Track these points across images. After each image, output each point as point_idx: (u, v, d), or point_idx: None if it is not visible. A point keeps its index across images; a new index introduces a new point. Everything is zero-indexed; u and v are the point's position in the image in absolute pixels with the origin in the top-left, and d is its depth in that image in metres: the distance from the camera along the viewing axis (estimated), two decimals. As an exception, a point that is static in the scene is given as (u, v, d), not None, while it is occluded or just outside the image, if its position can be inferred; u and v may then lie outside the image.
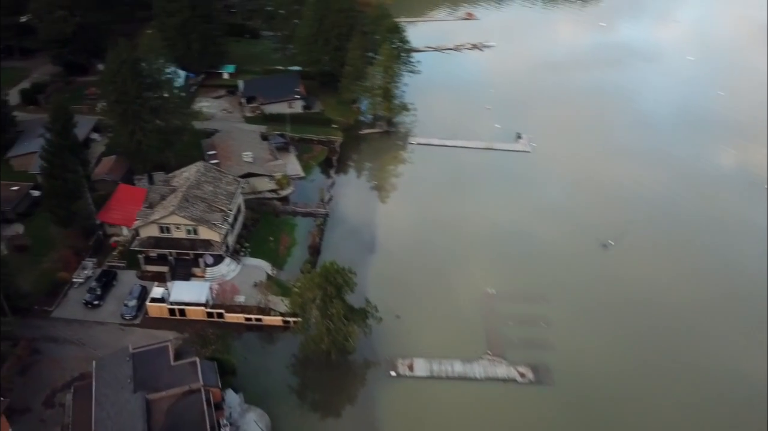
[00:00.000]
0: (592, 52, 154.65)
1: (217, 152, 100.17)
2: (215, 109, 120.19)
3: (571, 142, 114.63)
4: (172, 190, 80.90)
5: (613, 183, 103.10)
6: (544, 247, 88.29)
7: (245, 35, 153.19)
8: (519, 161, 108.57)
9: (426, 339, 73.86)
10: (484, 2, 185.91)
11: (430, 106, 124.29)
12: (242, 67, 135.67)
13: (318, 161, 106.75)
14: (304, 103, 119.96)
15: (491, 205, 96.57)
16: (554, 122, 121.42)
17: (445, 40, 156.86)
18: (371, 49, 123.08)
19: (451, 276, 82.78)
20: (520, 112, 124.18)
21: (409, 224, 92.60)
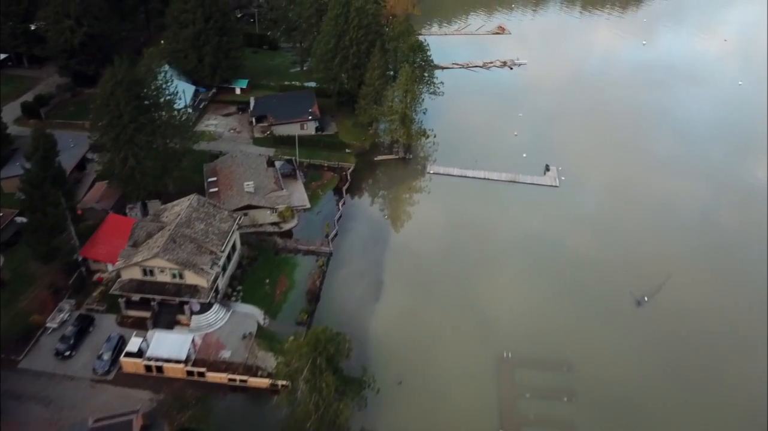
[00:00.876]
0: (632, 72, 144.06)
1: (218, 179, 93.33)
2: (223, 128, 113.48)
3: (604, 177, 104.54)
4: (160, 227, 74.00)
5: (650, 231, 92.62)
6: (571, 302, 78.85)
7: (263, 46, 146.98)
8: (546, 197, 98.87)
9: (431, 412, 65.23)
10: (518, 14, 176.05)
11: (453, 131, 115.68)
12: (256, 81, 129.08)
13: (327, 190, 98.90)
14: (317, 125, 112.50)
15: (512, 250, 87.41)
16: (586, 153, 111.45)
17: (474, 56, 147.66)
18: (392, 68, 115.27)
19: (464, 335, 73.93)
20: (549, 139, 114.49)
21: (420, 269, 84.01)
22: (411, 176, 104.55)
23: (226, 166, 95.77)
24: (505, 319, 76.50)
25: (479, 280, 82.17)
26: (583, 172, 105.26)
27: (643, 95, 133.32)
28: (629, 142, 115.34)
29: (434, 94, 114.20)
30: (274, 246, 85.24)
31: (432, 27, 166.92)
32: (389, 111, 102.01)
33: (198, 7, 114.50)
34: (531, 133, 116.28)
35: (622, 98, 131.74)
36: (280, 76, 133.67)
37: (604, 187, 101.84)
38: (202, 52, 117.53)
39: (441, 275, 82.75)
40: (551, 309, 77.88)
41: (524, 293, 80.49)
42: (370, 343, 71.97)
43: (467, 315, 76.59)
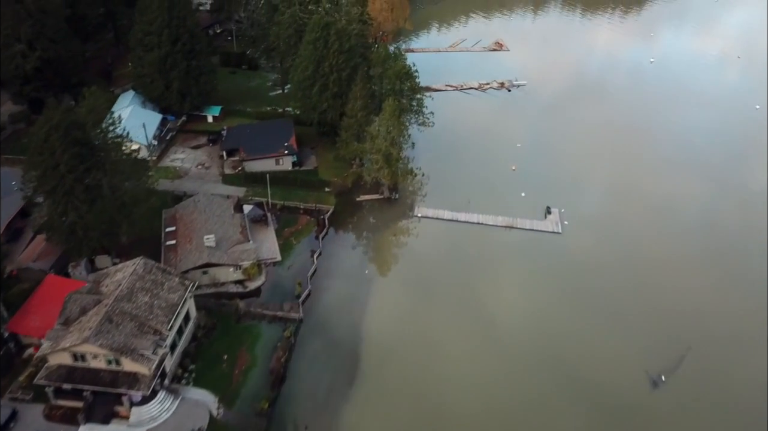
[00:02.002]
0: (639, 92, 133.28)
1: (176, 229, 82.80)
2: (190, 162, 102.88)
3: (614, 220, 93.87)
4: (97, 300, 63.46)
5: (669, 290, 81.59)
6: (575, 381, 68.22)
7: (242, 66, 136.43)
8: (547, 246, 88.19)
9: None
10: (517, 25, 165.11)
11: (444, 164, 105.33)
12: (232, 106, 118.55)
13: (302, 238, 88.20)
14: (294, 159, 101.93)
15: (508, 316, 76.45)
16: (592, 189, 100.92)
17: (469, 75, 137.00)
18: (377, 95, 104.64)
19: (451, 428, 63.39)
20: (551, 173, 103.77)
21: (403, 338, 73.31)
22: (397, 220, 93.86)
23: (188, 212, 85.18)
24: (501, 403, 65.93)
25: (469, 350, 71.48)
26: (588, 214, 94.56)
27: (653, 119, 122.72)
28: (640, 177, 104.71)
29: (423, 125, 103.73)
30: (236, 312, 74.58)
31: (425, 40, 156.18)
32: (371, 149, 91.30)
33: (163, 29, 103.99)
34: (530, 166, 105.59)
35: (630, 123, 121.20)
36: (259, 101, 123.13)
37: (613, 234, 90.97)
38: (170, 77, 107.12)
39: (428, 343, 72.18)
40: (551, 389, 67.24)
41: (523, 363, 69.91)
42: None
43: (456, 398, 65.95)
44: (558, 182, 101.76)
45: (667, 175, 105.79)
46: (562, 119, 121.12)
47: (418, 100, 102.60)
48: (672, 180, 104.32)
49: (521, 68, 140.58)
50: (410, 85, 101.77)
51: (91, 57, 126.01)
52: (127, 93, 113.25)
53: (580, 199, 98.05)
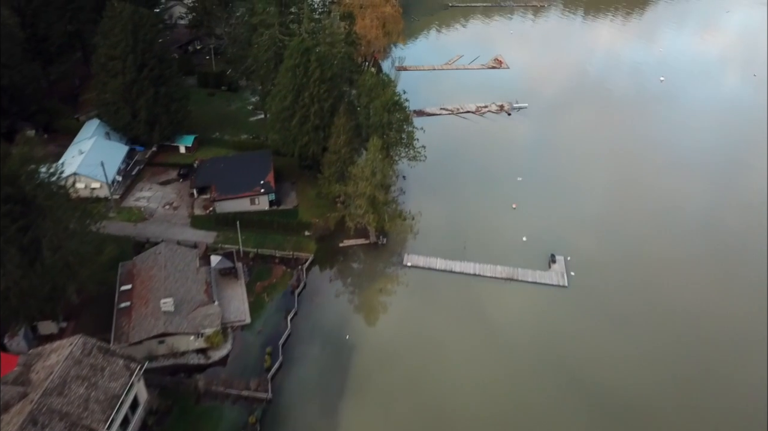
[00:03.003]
0: (651, 117, 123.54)
1: (133, 287, 73.16)
2: (157, 202, 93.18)
3: (627, 269, 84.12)
4: (22, 394, 53.84)
5: (698, 354, 72.13)
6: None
7: (222, 87, 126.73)
8: (551, 303, 78.42)
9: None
10: (516, 46, 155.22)
11: (437, 201, 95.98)
12: (207, 134, 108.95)
13: (276, 294, 78.43)
14: (272, 197, 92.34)
15: (510, 397, 66.82)
16: (601, 230, 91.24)
17: (466, 97, 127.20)
18: (363, 125, 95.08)
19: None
20: (555, 212, 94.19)
21: (392, 417, 63.76)
22: (384, 270, 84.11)
23: (147, 266, 75.53)
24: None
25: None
26: (598, 262, 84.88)
27: (665, 145, 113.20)
28: (654, 215, 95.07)
29: (415, 159, 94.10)
30: (195, 390, 64.97)
31: (419, 56, 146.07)
32: (355, 192, 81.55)
33: (128, 54, 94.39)
34: (533, 204, 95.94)
35: (641, 150, 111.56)
36: (237, 127, 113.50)
37: (626, 288, 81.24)
38: (136, 105, 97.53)
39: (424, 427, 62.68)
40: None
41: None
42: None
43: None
44: (563, 222, 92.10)
45: (682, 211, 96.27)
46: (567, 147, 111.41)
47: (409, 132, 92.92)
48: (689, 219, 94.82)
49: (522, 88, 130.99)
50: (400, 117, 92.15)
51: (57, 79, 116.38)
52: (92, 121, 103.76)
53: (588, 243, 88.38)
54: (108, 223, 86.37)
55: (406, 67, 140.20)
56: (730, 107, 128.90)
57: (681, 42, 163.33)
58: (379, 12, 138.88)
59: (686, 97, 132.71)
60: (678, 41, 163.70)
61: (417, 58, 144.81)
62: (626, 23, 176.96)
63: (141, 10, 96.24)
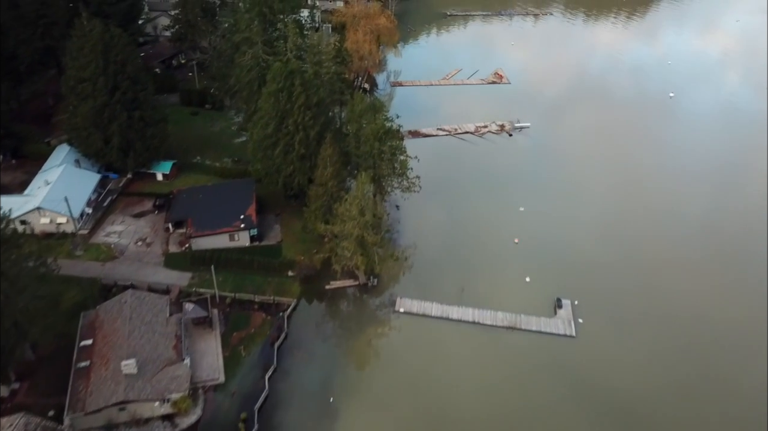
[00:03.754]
0: (660, 137, 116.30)
1: (94, 342, 65.91)
2: (129, 237, 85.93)
3: (640, 314, 76.81)
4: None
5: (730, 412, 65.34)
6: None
7: (206, 105, 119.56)
8: (558, 356, 70.92)
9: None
10: (517, 57, 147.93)
11: (433, 235, 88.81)
12: (188, 159, 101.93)
13: (253, 346, 71.06)
14: (253, 232, 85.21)
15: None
16: (611, 269, 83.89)
17: (464, 115, 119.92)
18: (351, 158, 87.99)
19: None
20: (560, 248, 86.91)
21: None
22: (374, 317, 76.72)
23: (111, 317, 68.33)
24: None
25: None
26: (608, 307, 77.54)
27: (678, 166, 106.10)
28: (668, 247, 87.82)
29: (409, 190, 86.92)
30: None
31: (415, 69, 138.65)
32: (342, 233, 74.29)
33: (99, 76, 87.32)
34: (536, 238, 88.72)
35: (652, 175, 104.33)
36: (220, 150, 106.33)
37: (639, 338, 73.98)
38: (108, 131, 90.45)
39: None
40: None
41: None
42: None
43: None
44: (568, 259, 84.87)
45: (697, 241, 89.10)
46: (571, 172, 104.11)
47: (402, 162, 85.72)
48: (707, 249, 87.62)
49: (524, 105, 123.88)
50: (393, 144, 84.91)
51: (28, 99, 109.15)
52: (63, 147, 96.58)
53: (597, 283, 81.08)
54: (73, 263, 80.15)
55: (402, 82, 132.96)
56: (745, 124, 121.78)
57: (689, 50, 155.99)
58: (374, 24, 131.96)
59: (696, 114, 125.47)
60: (685, 49, 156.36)
61: (413, 72, 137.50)
62: (628, 26, 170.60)
63: (112, 28, 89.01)
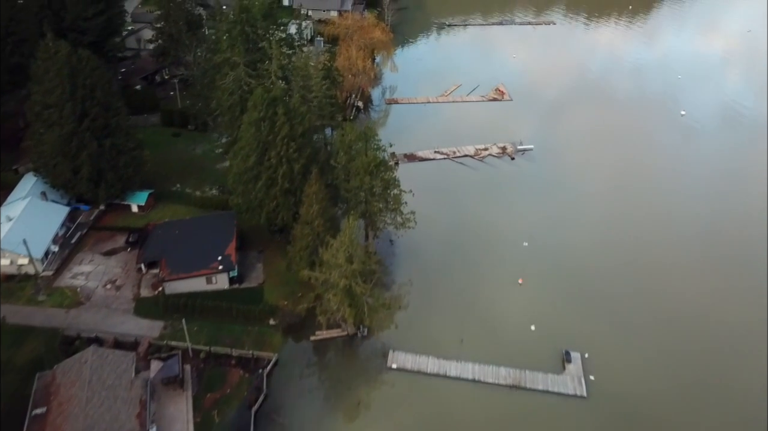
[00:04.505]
0: (673, 158, 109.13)
1: (48, 411, 58.79)
2: (97, 279, 78.64)
3: (658, 370, 69.63)
4: None
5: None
6: None
7: (188, 126, 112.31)
8: (567, 420, 63.93)
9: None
10: (518, 69, 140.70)
11: (429, 276, 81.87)
12: (167, 187, 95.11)
13: (227, 411, 63.86)
14: (233, 274, 78.07)
15: None
16: (626, 313, 76.68)
17: (463, 136, 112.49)
18: (340, 191, 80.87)
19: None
20: (569, 290, 79.72)
21: None
22: (364, 373, 69.24)
23: (68, 381, 61.10)
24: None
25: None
26: (622, 360, 70.34)
27: (692, 193, 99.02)
28: (684, 285, 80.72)
29: (403, 227, 79.70)
30: None
31: (411, 85, 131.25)
32: (327, 282, 67.08)
33: (65, 102, 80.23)
34: (541, 278, 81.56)
35: (665, 200, 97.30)
36: (203, 176, 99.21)
37: (659, 398, 66.97)
38: (78, 161, 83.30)
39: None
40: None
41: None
42: None
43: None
44: (577, 303, 77.74)
45: (712, 275, 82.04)
46: (579, 201, 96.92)
47: (395, 196, 78.57)
48: (729, 283, 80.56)
49: (526, 124, 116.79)
50: (386, 177, 77.70)
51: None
52: (29, 176, 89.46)
53: (610, 332, 73.92)
54: (34, 311, 73.34)
55: (397, 99, 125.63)
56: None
57: (699, 61, 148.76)
58: (368, 37, 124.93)
59: (708, 132, 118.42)
60: (694, 59, 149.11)
61: (410, 88, 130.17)
62: (631, 32, 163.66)
63: (80, 51, 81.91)
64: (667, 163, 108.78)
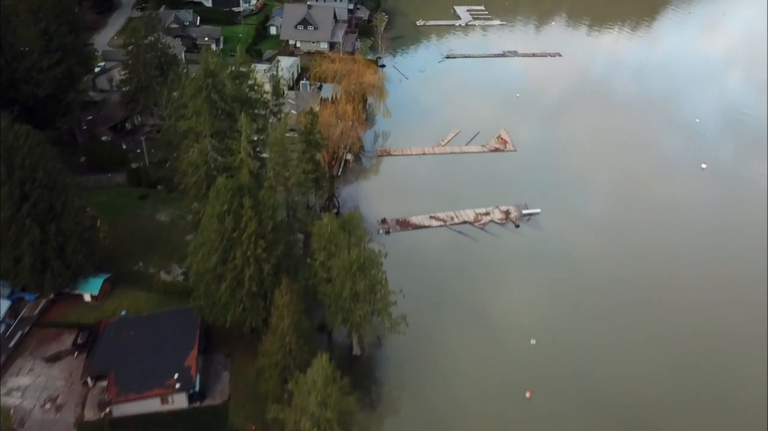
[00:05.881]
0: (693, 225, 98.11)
1: None
2: (35, 395, 67.24)
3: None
4: None
5: None
6: None
7: (158, 186, 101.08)
8: None
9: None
10: (522, 110, 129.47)
11: (420, 384, 70.65)
12: (128, 265, 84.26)
13: None
14: (193, 390, 66.95)
15: None
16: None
17: (461, 198, 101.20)
18: (317, 297, 69.72)
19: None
20: (587, 408, 68.20)
21: None
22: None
23: None
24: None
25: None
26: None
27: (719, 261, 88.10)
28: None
29: (391, 331, 68.70)
30: None
31: (405, 132, 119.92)
32: (296, 423, 55.96)
33: (1, 185, 69.08)
34: (554, 389, 70.05)
35: (693, 280, 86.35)
36: (168, 253, 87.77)
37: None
38: (19, 249, 72.20)
39: None
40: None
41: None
42: None
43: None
44: (598, 420, 66.68)
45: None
46: (593, 282, 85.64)
47: (383, 297, 67.46)
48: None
49: (532, 182, 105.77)
50: (370, 281, 66.42)
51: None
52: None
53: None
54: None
55: (390, 150, 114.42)
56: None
57: (721, 106, 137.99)
58: (358, 82, 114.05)
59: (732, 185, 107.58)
60: (716, 106, 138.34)
61: (404, 134, 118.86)
62: (648, 63, 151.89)
63: (17, 127, 70.76)
64: (687, 219, 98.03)
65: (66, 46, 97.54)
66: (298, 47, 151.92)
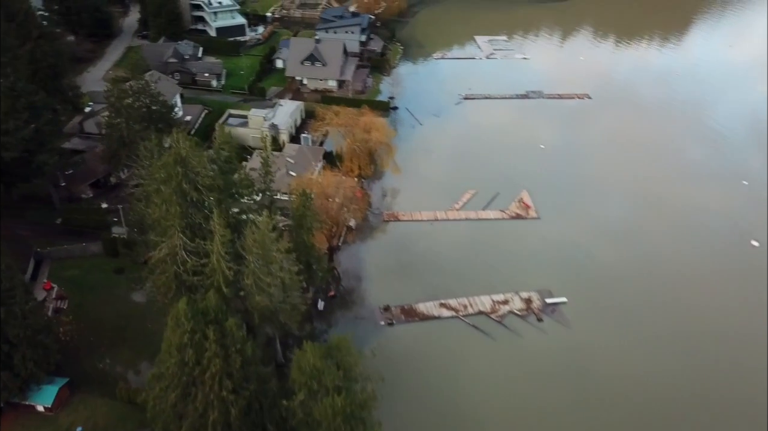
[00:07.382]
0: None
1: None
2: None
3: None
4: None
5: None
6: None
7: (137, 260, 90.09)
8: None
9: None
10: (547, 172, 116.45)
11: None
12: (92, 362, 74.28)
13: None
14: None
15: None
16: None
17: (477, 276, 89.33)
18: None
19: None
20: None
21: None
22: None
23: None
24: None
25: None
26: None
27: None
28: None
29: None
30: None
31: (414, 194, 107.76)
32: None
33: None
34: None
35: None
36: (139, 346, 77.14)
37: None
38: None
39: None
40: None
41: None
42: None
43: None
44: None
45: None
46: (631, 400, 73.14)
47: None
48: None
49: (557, 259, 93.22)
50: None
51: None
52: None
53: None
54: None
55: (398, 215, 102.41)
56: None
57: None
58: (364, 139, 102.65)
59: None
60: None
61: (414, 195, 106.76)
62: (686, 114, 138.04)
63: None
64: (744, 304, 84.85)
65: (35, 104, 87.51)
66: (304, 84, 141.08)
